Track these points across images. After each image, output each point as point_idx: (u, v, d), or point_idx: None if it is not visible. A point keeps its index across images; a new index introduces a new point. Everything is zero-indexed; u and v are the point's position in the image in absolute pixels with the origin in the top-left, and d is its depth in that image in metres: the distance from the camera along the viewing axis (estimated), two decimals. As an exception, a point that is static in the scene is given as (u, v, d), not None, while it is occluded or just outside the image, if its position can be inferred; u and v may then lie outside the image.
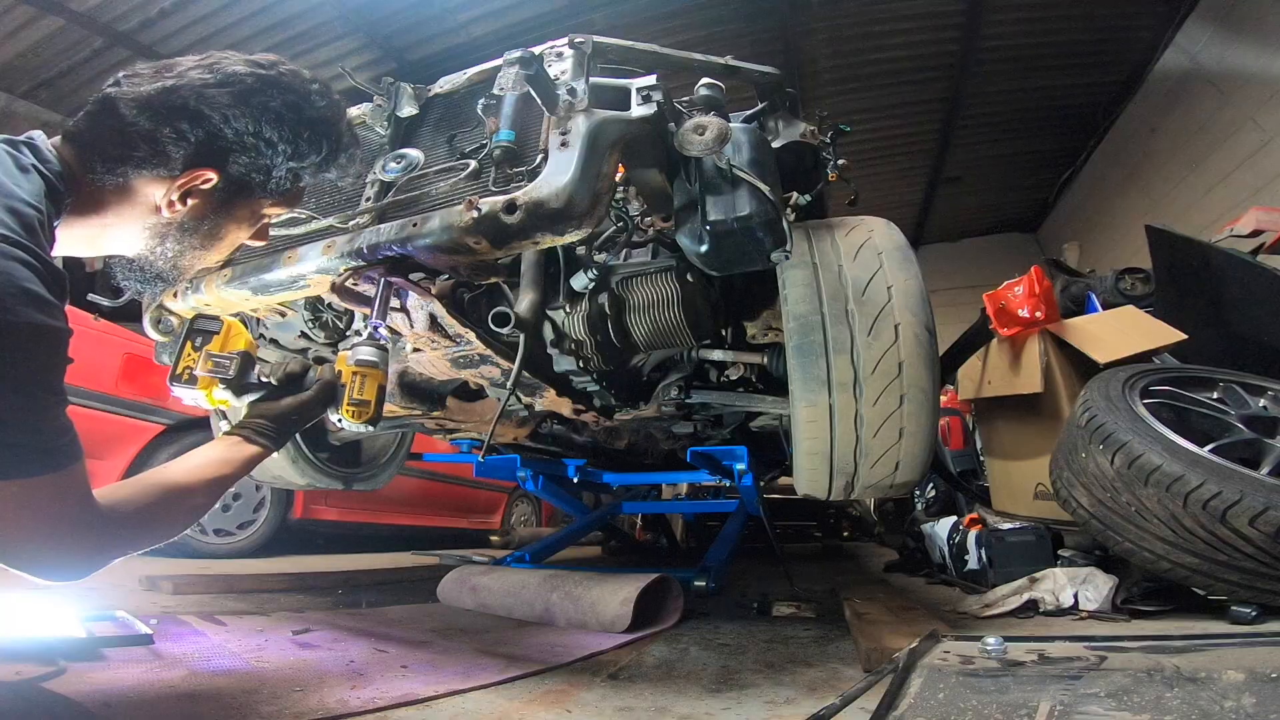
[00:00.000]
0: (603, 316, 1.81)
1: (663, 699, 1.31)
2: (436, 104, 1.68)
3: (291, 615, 2.07)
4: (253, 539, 3.52)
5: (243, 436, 1.07)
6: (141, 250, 1.02)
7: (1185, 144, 6.16)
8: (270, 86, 0.98)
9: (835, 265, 1.83)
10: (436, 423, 2.33)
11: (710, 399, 2.15)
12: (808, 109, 2.16)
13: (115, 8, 4.75)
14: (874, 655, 1.44)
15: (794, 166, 2.05)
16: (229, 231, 1.07)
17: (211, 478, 1.00)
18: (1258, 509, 1.42)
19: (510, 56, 1.27)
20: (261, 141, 0.99)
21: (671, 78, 1.66)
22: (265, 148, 0.99)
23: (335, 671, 1.39)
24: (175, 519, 0.95)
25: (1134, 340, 2.52)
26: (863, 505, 6.50)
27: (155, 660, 1.36)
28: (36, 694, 1.05)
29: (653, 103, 1.45)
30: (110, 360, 3.06)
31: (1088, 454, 1.77)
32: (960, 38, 5.86)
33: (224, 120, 0.95)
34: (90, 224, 0.96)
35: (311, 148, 1.04)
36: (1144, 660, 1.07)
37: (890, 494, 2.02)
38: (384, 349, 1.21)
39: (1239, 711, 0.82)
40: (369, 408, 1.16)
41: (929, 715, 0.90)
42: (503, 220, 1.24)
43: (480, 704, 1.23)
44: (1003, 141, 7.50)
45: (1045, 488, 2.28)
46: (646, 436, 2.91)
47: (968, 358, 3.12)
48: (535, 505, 6.17)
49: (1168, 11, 5.67)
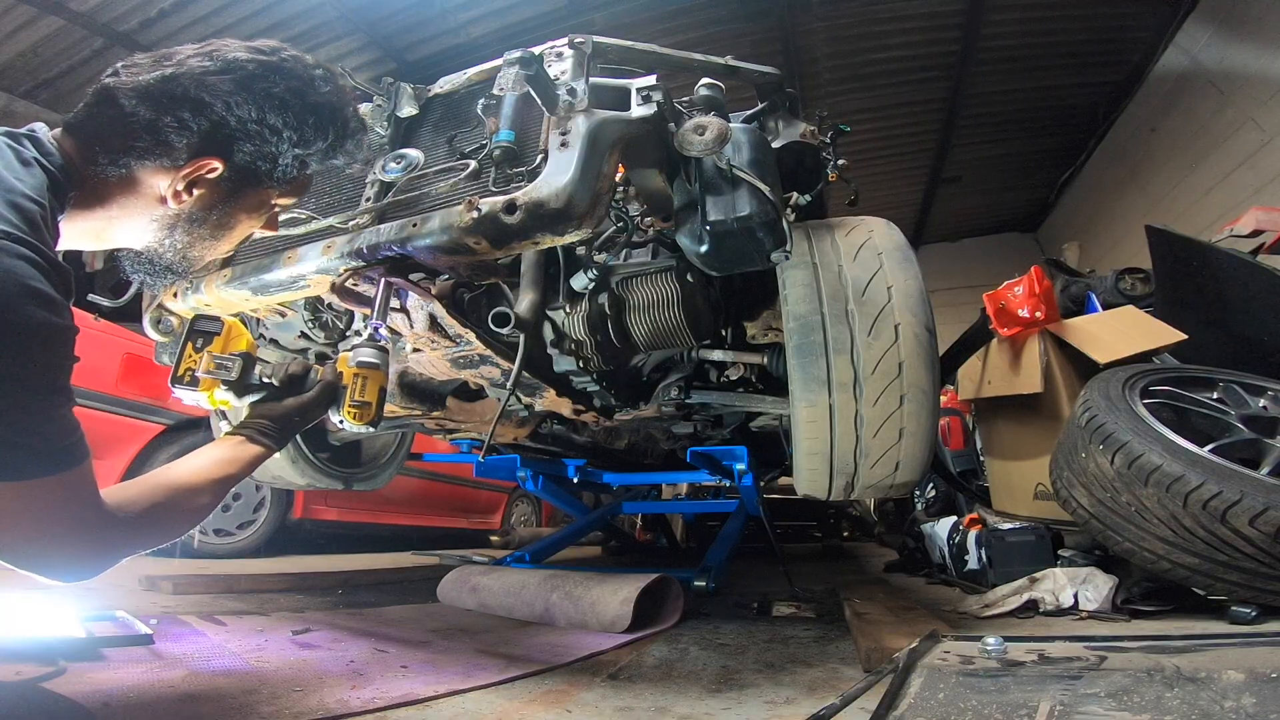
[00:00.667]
0: (603, 316, 1.81)
1: (663, 699, 1.31)
2: (436, 104, 1.68)
3: (291, 615, 2.07)
4: (253, 539, 3.52)
5: (245, 436, 1.07)
6: (149, 242, 1.00)
7: (1185, 144, 6.16)
8: (272, 72, 0.97)
9: (835, 265, 1.83)
10: (436, 423, 2.33)
11: (710, 399, 2.15)
12: (808, 109, 2.16)
13: (115, 8, 4.75)
14: (874, 655, 1.44)
15: (794, 166, 2.05)
16: (239, 221, 1.06)
17: (217, 477, 1.00)
18: (1258, 509, 1.42)
19: (510, 56, 1.27)
20: (266, 128, 0.96)
21: (671, 78, 1.66)
22: (270, 134, 0.97)
23: (335, 671, 1.39)
24: (182, 517, 0.95)
25: (1134, 340, 2.51)
26: (863, 505, 6.50)
27: (155, 660, 1.36)
28: (36, 694, 1.05)
29: (653, 103, 1.45)
30: (110, 360, 3.05)
31: (1088, 454, 1.77)
32: (960, 38, 5.86)
33: (226, 108, 0.93)
34: (95, 217, 0.95)
35: (317, 134, 1.02)
36: (1144, 660, 1.07)
37: (890, 494, 2.02)
38: (384, 350, 1.21)
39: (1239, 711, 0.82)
40: (370, 409, 1.17)
41: (929, 715, 0.90)
42: (503, 220, 1.24)
43: (480, 704, 1.23)
44: (1003, 141, 7.50)
45: (1045, 488, 2.28)
46: (646, 437, 2.91)
47: (968, 358, 3.12)
48: (535, 505, 6.17)
49: (1168, 11, 5.67)
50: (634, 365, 2.17)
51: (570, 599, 2.09)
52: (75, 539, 0.79)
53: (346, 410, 1.15)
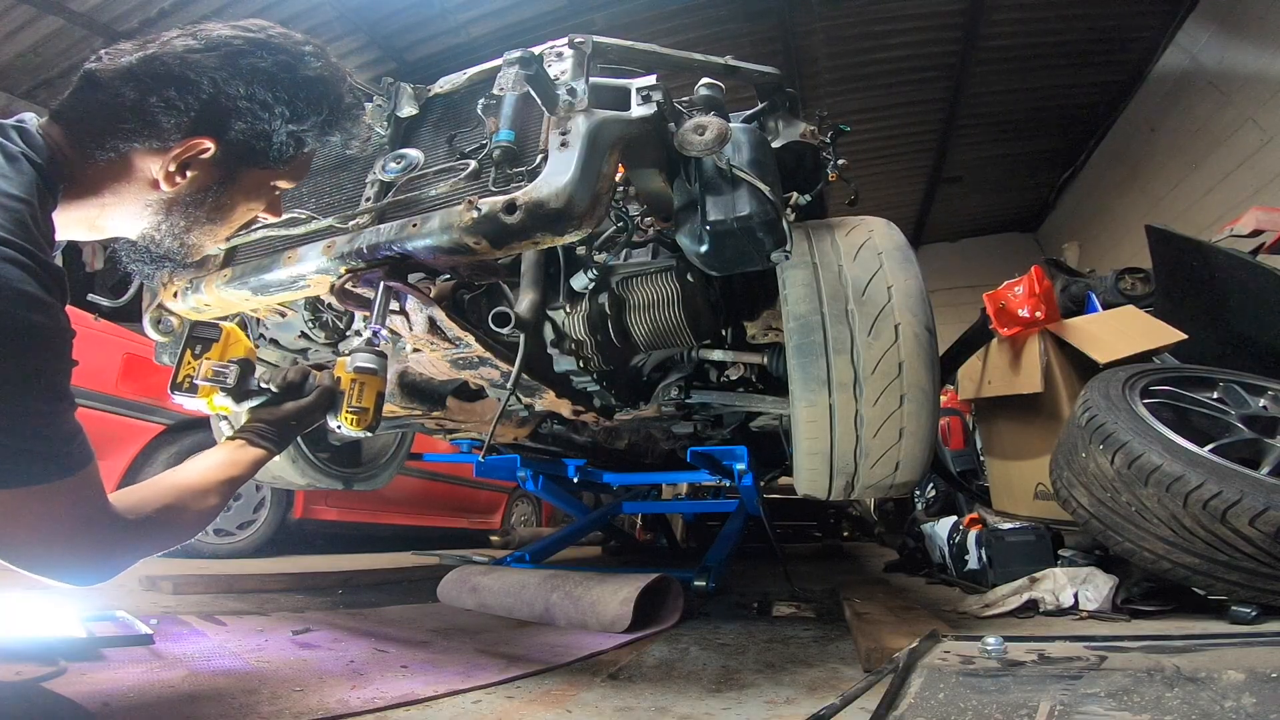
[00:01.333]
0: (603, 316, 1.81)
1: (663, 699, 1.31)
2: (436, 104, 1.68)
3: (291, 615, 2.07)
4: (253, 539, 3.52)
5: (246, 440, 1.07)
6: (145, 229, 0.98)
7: (1185, 144, 6.16)
8: (259, 47, 0.94)
9: (835, 265, 1.83)
10: (436, 423, 2.33)
11: (710, 399, 2.15)
12: (808, 109, 2.16)
13: (115, 8, 4.75)
14: (874, 655, 1.44)
15: (794, 166, 2.05)
16: (237, 203, 1.03)
17: (223, 479, 1.01)
18: (1258, 509, 1.42)
19: (510, 56, 1.27)
20: (256, 104, 0.93)
21: (671, 78, 1.66)
22: (261, 110, 0.94)
23: (335, 671, 1.39)
24: (192, 519, 0.95)
25: (1134, 340, 2.51)
26: (863, 505, 6.50)
27: (155, 660, 1.36)
28: (36, 694, 1.05)
29: (653, 103, 1.45)
30: (110, 360, 3.05)
31: (1088, 454, 1.77)
32: (960, 38, 5.86)
33: (214, 85, 0.90)
34: (88, 206, 0.93)
35: (310, 108, 0.99)
36: (1144, 660, 1.07)
37: (890, 494, 2.02)
38: (383, 355, 1.21)
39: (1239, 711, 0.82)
40: (368, 414, 1.18)
41: (929, 715, 0.90)
42: (503, 220, 1.24)
43: (480, 704, 1.23)
44: (1003, 141, 7.50)
45: (1045, 488, 2.28)
46: (646, 436, 2.91)
47: (968, 358, 3.12)
48: (535, 505, 6.17)
49: (1168, 11, 5.67)
50: (634, 365, 2.17)
51: (570, 599, 2.09)
52: (83, 543, 0.79)
53: (344, 415, 1.16)
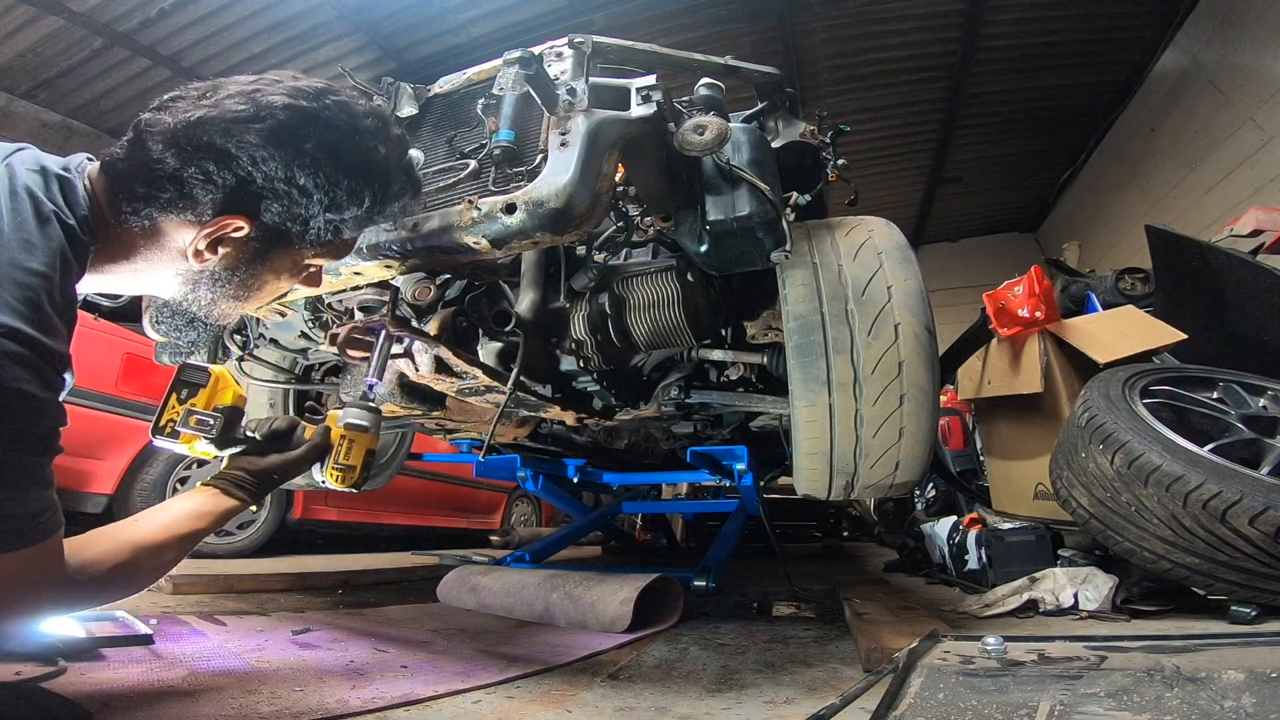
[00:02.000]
0: (603, 316, 1.81)
1: (663, 699, 1.31)
2: (436, 104, 1.68)
3: (291, 615, 2.07)
4: (252, 539, 3.52)
5: (220, 489, 1.04)
6: (175, 295, 0.96)
7: (1185, 144, 6.16)
8: (308, 123, 0.89)
9: (835, 265, 1.83)
10: (436, 423, 2.33)
11: (710, 399, 2.16)
12: (808, 109, 2.16)
13: (115, 8, 4.74)
14: (874, 655, 1.44)
15: (794, 166, 2.05)
16: (266, 281, 1.00)
17: (184, 533, 0.98)
18: (1258, 509, 1.42)
19: (510, 56, 1.27)
20: (294, 189, 0.89)
21: (671, 78, 1.66)
22: (300, 196, 0.90)
23: (335, 671, 1.39)
24: (143, 576, 0.94)
25: (1134, 340, 2.51)
26: (863, 505, 6.50)
27: (155, 660, 1.36)
28: (36, 694, 1.05)
29: (652, 103, 1.45)
30: (110, 360, 3.06)
31: (1088, 454, 1.77)
32: (960, 38, 5.86)
33: (253, 163, 0.86)
34: (120, 269, 0.92)
35: (351, 199, 0.94)
36: (1144, 660, 1.07)
37: (890, 494, 2.02)
38: (376, 411, 1.18)
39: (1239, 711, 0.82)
40: (353, 473, 1.15)
41: (929, 715, 0.90)
42: (502, 220, 1.24)
43: (480, 704, 1.23)
44: (1003, 141, 7.50)
45: (1045, 488, 2.28)
46: (646, 436, 2.91)
47: (968, 358, 3.12)
48: (535, 505, 6.17)
49: (1168, 11, 5.67)
50: (634, 365, 2.17)
51: (570, 599, 2.09)
52: (32, 604, 0.81)
53: (329, 471, 1.14)
